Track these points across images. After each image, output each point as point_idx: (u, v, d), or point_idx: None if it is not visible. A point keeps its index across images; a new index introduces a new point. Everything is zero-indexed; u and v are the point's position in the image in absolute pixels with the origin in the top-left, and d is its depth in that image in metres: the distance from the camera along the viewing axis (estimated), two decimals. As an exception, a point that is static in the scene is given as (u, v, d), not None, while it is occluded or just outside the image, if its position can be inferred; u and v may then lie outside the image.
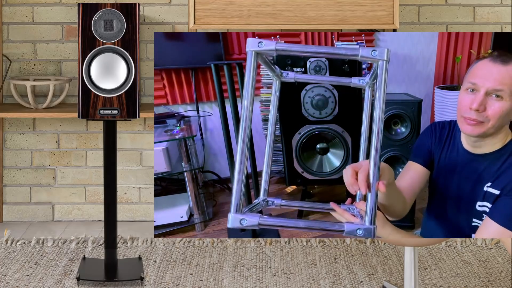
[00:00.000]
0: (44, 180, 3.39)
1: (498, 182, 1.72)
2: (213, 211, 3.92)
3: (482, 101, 1.66)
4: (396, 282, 2.68)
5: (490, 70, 1.67)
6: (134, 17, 2.54)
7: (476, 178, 1.78)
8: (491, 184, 1.73)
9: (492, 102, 1.66)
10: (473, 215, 1.78)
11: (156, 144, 3.39)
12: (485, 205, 1.75)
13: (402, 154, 3.45)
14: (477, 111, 1.67)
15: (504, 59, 1.68)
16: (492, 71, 1.67)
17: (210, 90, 4.37)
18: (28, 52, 3.34)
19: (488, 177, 1.75)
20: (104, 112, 2.55)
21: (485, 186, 1.75)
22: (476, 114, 1.67)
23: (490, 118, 1.67)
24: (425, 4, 3.38)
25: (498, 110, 1.66)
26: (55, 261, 2.89)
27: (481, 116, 1.67)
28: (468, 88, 1.71)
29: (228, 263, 2.87)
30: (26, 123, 3.36)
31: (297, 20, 2.98)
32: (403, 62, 4.74)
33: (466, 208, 1.80)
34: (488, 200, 1.73)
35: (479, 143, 1.77)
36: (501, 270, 2.80)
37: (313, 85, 3.49)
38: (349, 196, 3.83)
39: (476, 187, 1.77)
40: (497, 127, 1.69)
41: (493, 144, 1.76)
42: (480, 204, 1.76)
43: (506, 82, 1.65)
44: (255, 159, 3.42)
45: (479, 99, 1.66)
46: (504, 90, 1.65)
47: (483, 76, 1.68)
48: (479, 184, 1.77)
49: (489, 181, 1.74)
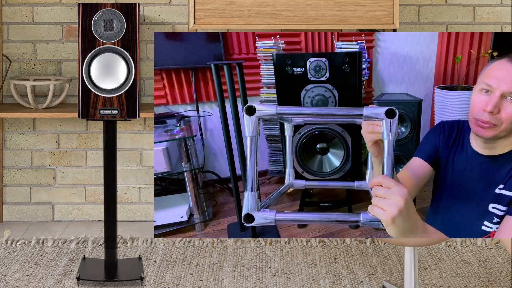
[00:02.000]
0: (44, 180, 3.39)
1: (510, 184, 1.68)
2: (213, 211, 3.92)
3: (496, 103, 1.61)
4: (396, 282, 2.68)
5: (508, 71, 1.60)
6: (134, 17, 2.54)
7: (488, 180, 1.73)
8: (503, 186, 1.70)
9: (507, 105, 1.61)
10: (485, 217, 1.74)
11: (156, 144, 3.39)
12: (498, 208, 1.70)
13: (402, 154, 3.45)
14: (491, 114, 1.61)
15: None
16: (510, 73, 1.60)
17: (210, 90, 4.37)
18: (28, 52, 3.34)
19: (500, 179, 1.71)
20: (104, 112, 2.55)
21: (497, 188, 1.72)
22: (490, 116, 1.62)
23: (503, 121, 1.62)
24: (425, 4, 3.38)
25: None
26: (55, 261, 2.89)
27: (495, 118, 1.62)
28: (483, 89, 1.65)
29: (228, 263, 2.87)
30: (26, 123, 3.36)
31: (297, 20, 2.98)
32: (403, 62, 4.74)
33: (477, 210, 1.75)
34: (502, 202, 1.69)
35: (490, 145, 1.72)
36: (501, 270, 2.80)
37: (313, 85, 3.49)
38: (349, 196, 3.84)
39: (488, 189, 1.73)
40: (509, 130, 1.64)
41: (504, 146, 1.71)
42: (493, 206, 1.72)
43: None
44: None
45: (493, 101, 1.61)
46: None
47: (499, 77, 1.61)
48: (491, 186, 1.72)
49: (501, 183, 1.71)
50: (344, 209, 3.80)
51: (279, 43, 4.10)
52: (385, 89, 4.78)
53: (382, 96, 3.75)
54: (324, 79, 3.49)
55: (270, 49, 4.08)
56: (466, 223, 1.81)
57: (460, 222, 1.83)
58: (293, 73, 3.50)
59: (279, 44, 4.10)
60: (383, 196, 1.19)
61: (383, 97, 3.68)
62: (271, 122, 4.29)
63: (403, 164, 3.46)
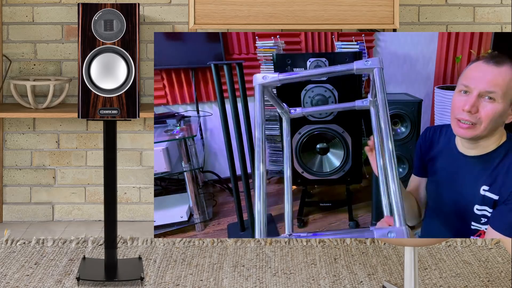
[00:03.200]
0: (44, 180, 3.39)
1: (495, 186, 1.70)
2: (213, 211, 3.92)
3: (474, 103, 1.66)
4: (396, 282, 2.68)
5: (483, 71, 1.67)
6: (134, 17, 2.54)
7: (472, 180, 1.77)
8: (488, 188, 1.72)
9: (485, 104, 1.66)
10: (472, 218, 1.77)
11: (156, 144, 3.39)
12: (485, 209, 1.73)
13: (402, 154, 3.45)
14: (470, 113, 1.66)
15: (498, 60, 1.67)
16: (485, 73, 1.66)
17: (210, 90, 4.37)
18: (28, 52, 3.34)
19: (484, 180, 1.74)
20: (104, 112, 2.55)
21: (481, 189, 1.74)
22: (469, 115, 1.67)
23: (482, 120, 1.66)
24: (425, 4, 3.38)
25: (490, 112, 1.65)
26: (55, 261, 2.89)
27: (474, 117, 1.67)
28: (461, 90, 1.71)
29: (228, 263, 2.87)
30: (26, 123, 3.36)
31: (297, 20, 2.98)
32: (403, 62, 4.74)
33: (464, 211, 1.79)
34: (487, 204, 1.72)
35: (473, 145, 1.76)
36: (501, 270, 2.80)
37: (313, 85, 3.49)
38: (349, 197, 3.84)
39: (473, 189, 1.76)
40: (489, 129, 1.68)
41: (487, 146, 1.75)
42: (478, 208, 1.75)
43: (498, 84, 1.64)
44: (255, 160, 3.42)
45: (471, 101, 1.66)
46: (496, 92, 1.64)
47: (476, 78, 1.67)
48: (475, 186, 1.75)
49: (485, 184, 1.73)
50: (344, 209, 3.80)
51: (279, 43, 4.10)
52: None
53: (382, 96, 3.74)
54: (324, 79, 3.49)
55: (270, 49, 4.08)
56: (457, 224, 1.83)
57: (452, 223, 1.85)
58: (293, 73, 3.49)
59: (279, 44, 4.10)
60: None
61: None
62: (271, 122, 4.29)
63: (403, 164, 3.46)
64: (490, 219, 1.70)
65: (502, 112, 1.66)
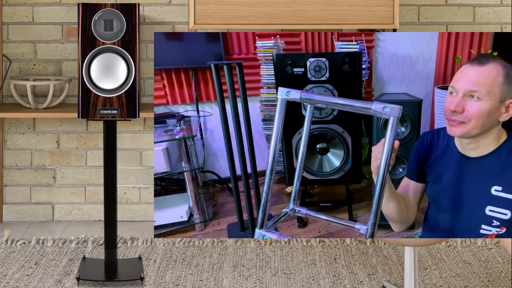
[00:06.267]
0: (44, 180, 3.39)
1: (509, 186, 1.71)
2: (213, 211, 3.92)
3: (459, 103, 1.71)
4: (396, 282, 2.68)
5: (467, 72, 1.73)
6: (134, 17, 2.54)
7: (480, 182, 1.76)
8: (502, 189, 1.72)
9: (471, 103, 1.71)
10: (482, 220, 1.76)
11: (156, 144, 3.39)
12: (498, 211, 1.73)
13: (402, 154, 3.45)
14: (456, 112, 1.72)
15: (481, 60, 1.73)
16: (469, 73, 1.73)
17: (210, 90, 4.37)
18: (28, 52, 3.34)
19: (493, 180, 1.74)
20: (104, 112, 2.55)
21: (492, 190, 1.74)
22: (456, 115, 1.72)
23: (470, 117, 1.71)
24: (425, 4, 3.38)
25: (476, 110, 1.70)
26: (55, 261, 2.89)
27: (461, 117, 1.72)
28: (451, 92, 1.77)
29: (228, 263, 2.87)
30: (26, 123, 3.36)
31: (297, 20, 2.98)
32: (403, 62, 4.74)
33: (473, 213, 1.78)
34: (503, 206, 1.72)
35: (472, 145, 1.78)
36: (501, 270, 2.80)
37: (313, 85, 3.50)
38: (349, 197, 3.84)
39: (482, 191, 1.76)
40: (480, 126, 1.71)
41: (487, 145, 1.77)
42: (491, 209, 1.74)
43: (481, 83, 1.70)
44: (255, 159, 3.42)
45: (456, 101, 1.72)
46: (479, 91, 1.70)
47: (461, 79, 1.74)
48: (485, 188, 1.75)
49: (496, 185, 1.73)
50: (344, 209, 3.81)
51: (279, 43, 4.10)
52: (385, 89, 4.78)
53: (382, 96, 3.75)
54: (324, 79, 3.49)
55: (270, 49, 4.08)
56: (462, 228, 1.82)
57: (456, 226, 1.84)
58: (293, 73, 3.50)
59: (279, 44, 4.10)
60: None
61: (383, 97, 3.68)
62: (271, 122, 4.29)
63: (403, 164, 3.46)
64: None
65: (490, 109, 1.70)
